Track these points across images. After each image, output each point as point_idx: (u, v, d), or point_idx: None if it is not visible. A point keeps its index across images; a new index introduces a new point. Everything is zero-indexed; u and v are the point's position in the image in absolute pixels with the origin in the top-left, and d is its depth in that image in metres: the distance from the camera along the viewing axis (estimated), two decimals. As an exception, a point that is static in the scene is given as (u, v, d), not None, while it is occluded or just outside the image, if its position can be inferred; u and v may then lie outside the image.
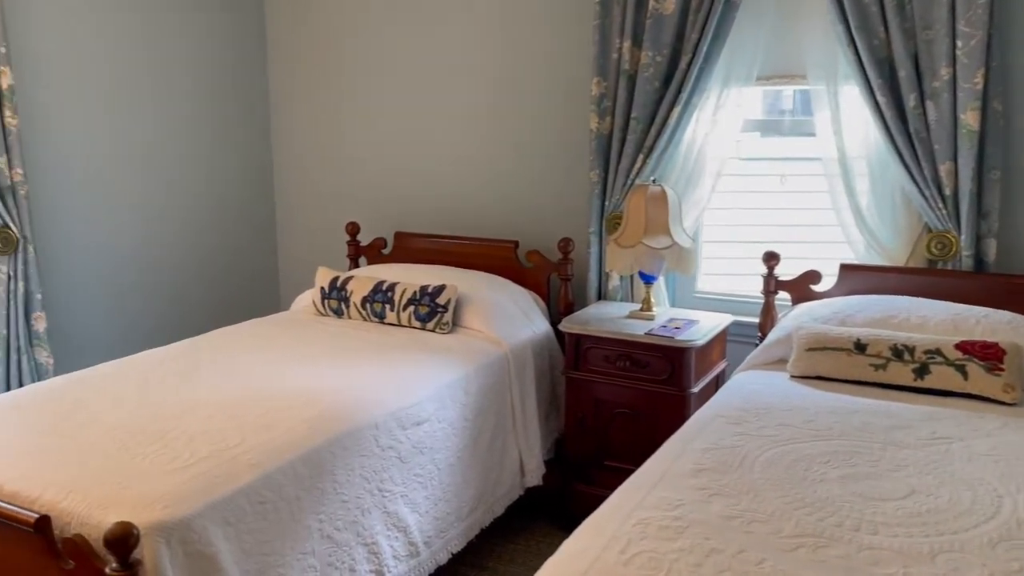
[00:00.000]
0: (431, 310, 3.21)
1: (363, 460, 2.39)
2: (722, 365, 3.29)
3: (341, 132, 4.26)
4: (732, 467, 1.95)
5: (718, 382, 3.25)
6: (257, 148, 4.42)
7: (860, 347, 2.52)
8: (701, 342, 2.98)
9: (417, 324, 3.25)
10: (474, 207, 3.93)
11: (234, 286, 4.36)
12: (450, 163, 3.97)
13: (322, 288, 3.48)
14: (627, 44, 3.25)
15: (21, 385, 3.22)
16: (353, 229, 4.03)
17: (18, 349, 3.22)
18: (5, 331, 3.18)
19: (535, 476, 3.17)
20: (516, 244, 3.68)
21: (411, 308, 3.25)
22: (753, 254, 3.30)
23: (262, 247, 4.51)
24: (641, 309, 3.24)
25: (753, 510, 1.73)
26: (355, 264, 4.06)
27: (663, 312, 3.30)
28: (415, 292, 3.26)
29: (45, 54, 3.37)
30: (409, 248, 3.94)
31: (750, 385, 2.56)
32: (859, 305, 2.78)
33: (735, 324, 3.31)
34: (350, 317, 3.42)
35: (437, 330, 3.21)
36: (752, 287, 3.38)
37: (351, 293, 3.40)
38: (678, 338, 2.97)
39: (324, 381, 2.64)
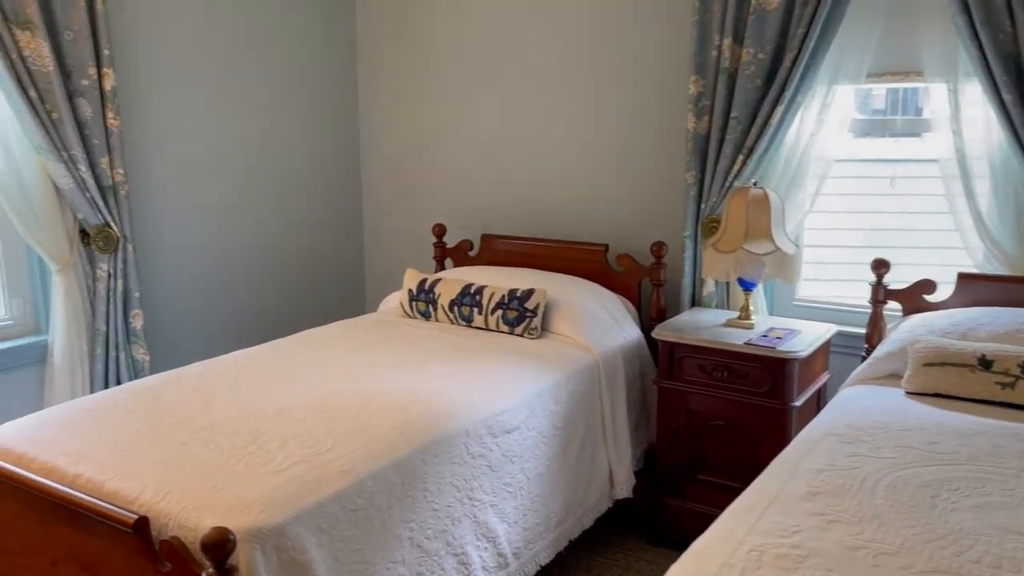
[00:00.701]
0: (520, 314, 3.15)
1: (454, 468, 2.33)
2: (824, 378, 3.12)
3: (428, 134, 4.24)
4: (850, 491, 1.82)
5: (820, 396, 3.09)
6: (346, 150, 4.43)
7: (985, 363, 2.34)
8: (804, 353, 2.83)
9: (505, 328, 3.18)
10: (563, 209, 3.85)
11: (322, 287, 4.38)
12: (538, 164, 3.90)
13: (410, 290, 3.45)
14: (727, 41, 3.12)
15: (119, 381, 3.28)
16: (440, 231, 4.00)
17: (116, 346, 3.28)
18: (105, 328, 3.25)
19: (625, 488, 3.07)
20: (606, 247, 3.58)
21: (499, 312, 3.19)
22: (857, 259, 3.13)
23: (349, 248, 4.53)
24: (739, 317, 3.10)
25: (879, 541, 1.59)
26: (441, 266, 4.02)
27: (762, 321, 3.16)
28: (503, 296, 3.20)
29: (145, 55, 3.44)
30: (496, 251, 3.89)
31: (861, 401, 2.41)
32: (982, 317, 2.59)
33: (838, 335, 3.15)
34: (437, 320, 3.38)
35: (526, 335, 3.14)
36: (857, 295, 3.21)
37: (439, 296, 3.36)
38: (780, 348, 2.82)
39: (414, 385, 2.60)
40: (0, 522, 2.11)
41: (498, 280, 3.38)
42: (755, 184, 3.04)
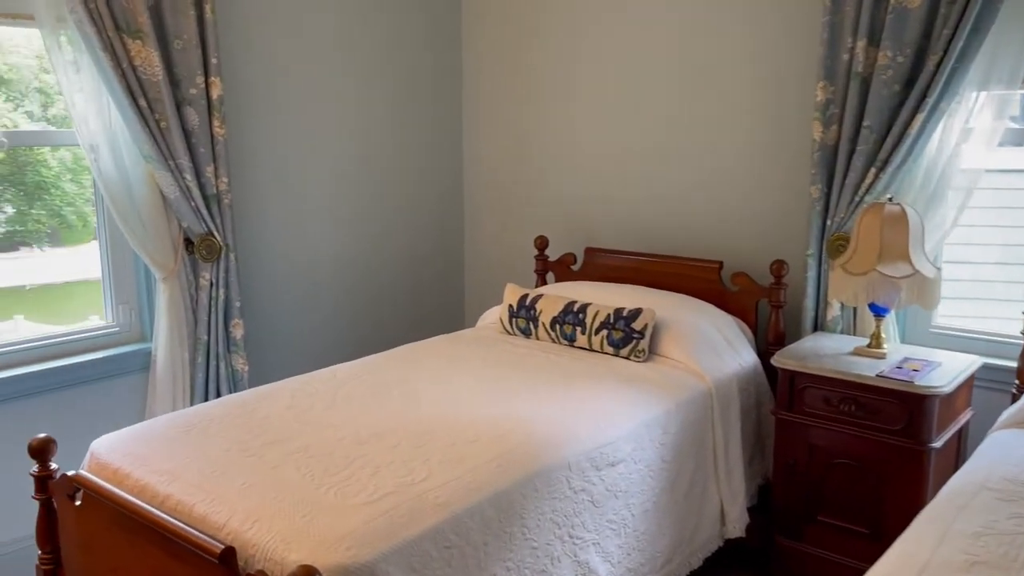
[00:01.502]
0: (626, 335, 2.96)
1: (554, 503, 2.17)
2: (967, 415, 2.81)
3: (533, 143, 4.10)
4: (1016, 563, 1.56)
5: (961, 437, 2.78)
6: (448, 159, 4.34)
7: None
8: (947, 389, 2.53)
9: (610, 350, 3.00)
10: (673, 223, 3.64)
11: (421, 299, 4.30)
12: (648, 174, 3.70)
13: (510, 306, 3.32)
14: (861, 43, 2.86)
15: (218, 391, 3.27)
16: (542, 243, 3.85)
17: (217, 355, 3.27)
18: (206, 337, 3.25)
19: (738, 526, 2.84)
20: (720, 265, 3.35)
21: (604, 332, 3.01)
22: (1004, 278, 2.81)
23: (449, 260, 4.43)
24: (869, 345, 2.82)
25: (1061, 632, 1.34)
26: (543, 280, 3.87)
27: (895, 350, 2.87)
28: (608, 315, 3.02)
29: (249, 64, 3.43)
30: (600, 265, 3.71)
31: (1020, 450, 2.11)
32: None
33: (983, 368, 2.83)
34: (538, 338, 3.23)
35: (632, 357, 2.95)
36: (1006, 324, 2.88)
37: (540, 313, 3.21)
38: (918, 383, 2.54)
39: (513, 410, 2.45)
40: (94, 535, 2.08)
41: (603, 297, 3.20)
42: (891, 200, 2.76)
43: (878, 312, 2.81)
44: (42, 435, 2.21)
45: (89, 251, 3.18)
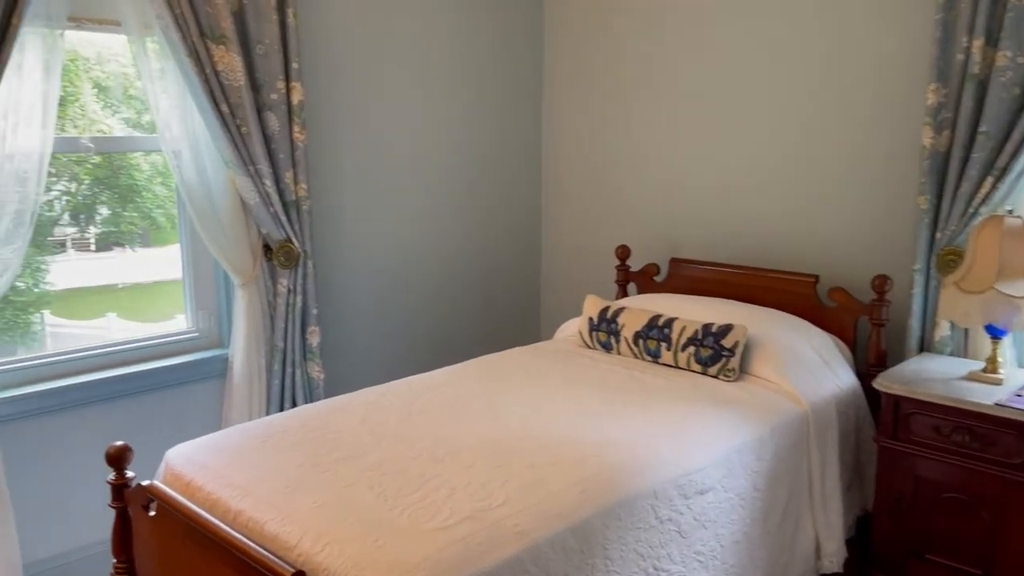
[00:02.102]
0: (715, 353, 2.80)
1: (638, 534, 2.04)
2: (1096, 450, 2.55)
3: (614, 149, 3.96)
4: None
5: (1089, 472, 2.52)
6: (527, 166, 4.25)
7: None
8: (1075, 421, 2.30)
9: (697, 368, 2.85)
10: (765, 233, 3.45)
11: (497, 308, 4.21)
12: (737, 180, 3.52)
13: (590, 318, 3.19)
14: (978, 43, 2.64)
15: (294, 399, 3.24)
16: (624, 253, 3.71)
17: (293, 363, 3.24)
18: (283, 344, 3.22)
19: (835, 560, 2.64)
20: (816, 279, 3.15)
21: (691, 349, 2.86)
22: None
23: (526, 269, 4.33)
24: (984, 370, 2.60)
25: None
26: (624, 291, 3.73)
27: (1013, 375, 2.63)
28: (696, 331, 2.86)
29: (330, 68, 3.39)
30: (685, 277, 3.54)
31: None
32: None
33: (1114, 397, 2.57)
34: (620, 353, 3.09)
35: (721, 377, 2.79)
36: None
37: (622, 326, 3.07)
38: (1042, 414, 2.31)
39: (595, 431, 2.33)
40: (167, 546, 2.05)
41: (690, 311, 3.04)
42: (1010, 212, 2.54)
43: (995, 334, 2.58)
44: (119, 443, 2.19)
45: (176, 252, 3.22)
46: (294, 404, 3.25)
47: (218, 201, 3.04)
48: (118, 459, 2.17)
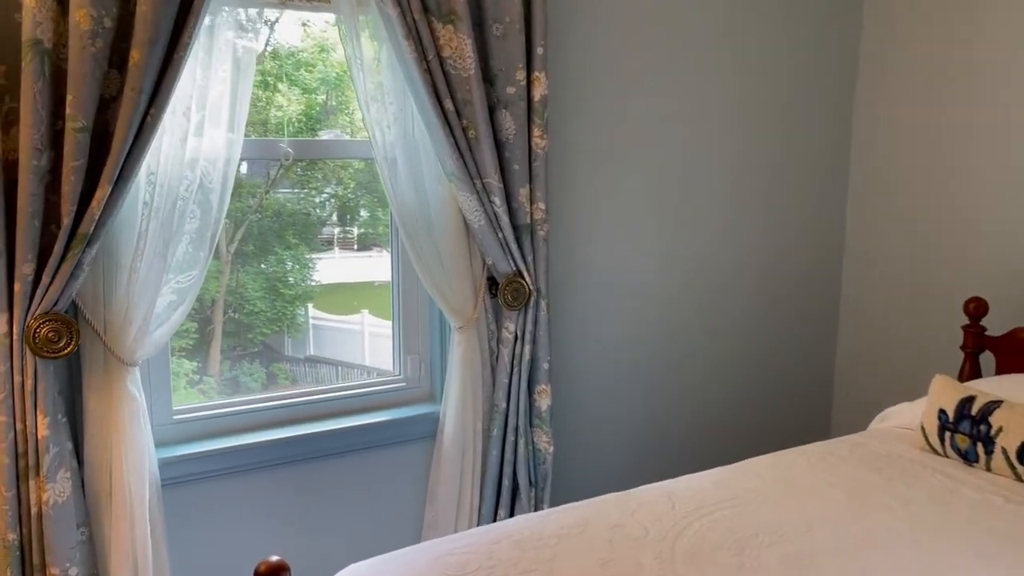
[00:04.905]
0: None
1: None
2: None
3: (959, 168, 2.89)
4: None
5: None
6: (829, 192, 3.26)
7: None
8: None
9: None
10: None
11: (775, 389, 3.23)
12: None
13: (941, 411, 2.17)
14: None
15: (515, 476, 2.55)
16: (977, 309, 2.62)
17: (516, 429, 2.55)
18: (504, 404, 2.54)
19: None
20: None
21: None
22: None
23: (818, 324, 3.32)
24: None
25: None
26: (973, 363, 2.65)
27: None
28: None
29: (578, 56, 2.66)
30: (1080, 351, 2.41)
31: None
32: None
33: None
34: (990, 469, 2.06)
35: None
36: None
37: (999, 431, 2.03)
38: None
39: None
40: None
41: (1115, 417, 1.95)
42: None
43: None
44: (274, 558, 1.58)
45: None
46: (514, 482, 2.56)
47: (436, 223, 2.42)
48: (268, 582, 1.55)
